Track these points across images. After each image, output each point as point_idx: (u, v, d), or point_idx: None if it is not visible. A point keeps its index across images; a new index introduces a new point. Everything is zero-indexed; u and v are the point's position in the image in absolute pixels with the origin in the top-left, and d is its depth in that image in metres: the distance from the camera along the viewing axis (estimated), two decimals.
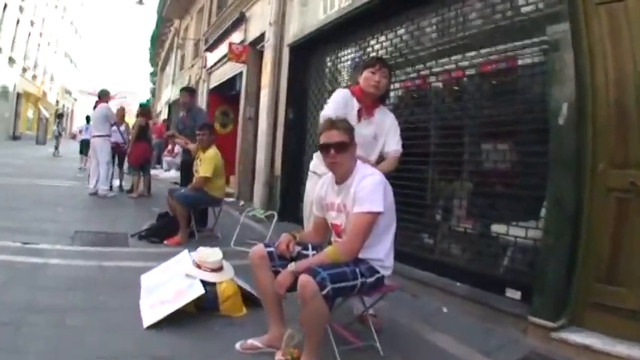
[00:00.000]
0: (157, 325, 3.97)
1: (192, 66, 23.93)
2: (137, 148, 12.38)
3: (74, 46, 69.08)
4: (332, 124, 3.54)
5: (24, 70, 41.62)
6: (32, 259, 5.73)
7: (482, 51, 5.17)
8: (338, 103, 4.30)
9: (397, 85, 6.46)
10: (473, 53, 5.28)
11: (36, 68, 45.96)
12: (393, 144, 4.41)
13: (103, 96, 12.63)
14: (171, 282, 4.53)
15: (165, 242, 7.27)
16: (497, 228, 4.82)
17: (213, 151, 7.64)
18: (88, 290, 4.80)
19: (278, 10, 10.47)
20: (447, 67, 5.65)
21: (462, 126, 5.54)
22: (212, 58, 18.09)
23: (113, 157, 13.17)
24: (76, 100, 73.46)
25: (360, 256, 3.37)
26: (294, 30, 9.86)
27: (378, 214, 3.28)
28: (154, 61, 47.86)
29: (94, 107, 12.68)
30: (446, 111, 5.83)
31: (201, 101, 19.94)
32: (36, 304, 4.29)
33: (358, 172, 3.47)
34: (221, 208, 8.25)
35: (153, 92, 53.31)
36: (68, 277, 5.18)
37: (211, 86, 18.78)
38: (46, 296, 4.50)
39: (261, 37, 11.97)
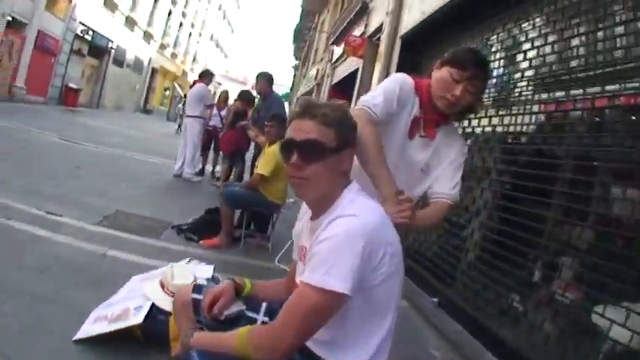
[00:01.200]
0: (89, 341, 3.26)
1: (322, 60, 23.35)
2: (229, 135, 11.59)
3: (224, 36, 72.56)
4: (306, 108, 2.02)
5: (162, 46, 43.33)
6: (40, 231, 5.32)
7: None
8: (393, 95, 2.70)
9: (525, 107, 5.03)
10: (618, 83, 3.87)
11: (176, 47, 47.58)
12: (446, 185, 2.84)
13: (203, 76, 12.38)
14: (132, 296, 3.67)
15: (201, 242, 6.40)
16: (597, 319, 3.33)
17: (276, 147, 6.51)
18: (60, 278, 4.25)
19: None
20: (590, 93, 4.18)
21: (592, 164, 4.10)
22: (337, 51, 17.31)
23: (209, 142, 12.93)
24: (220, 84, 76.24)
25: (317, 351, 1.98)
26: (408, 18, 8.64)
27: (336, 296, 1.76)
28: (297, 54, 48.57)
29: (191, 87, 12.19)
30: (578, 144, 4.33)
31: (323, 98, 19.32)
32: None
33: (339, 206, 1.98)
34: (278, 216, 7.17)
35: (292, 86, 54.49)
36: (56, 258, 4.68)
37: (334, 82, 17.99)
38: (9, 275, 4.08)
39: (379, 30, 10.91)
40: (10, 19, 20.89)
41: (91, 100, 31.56)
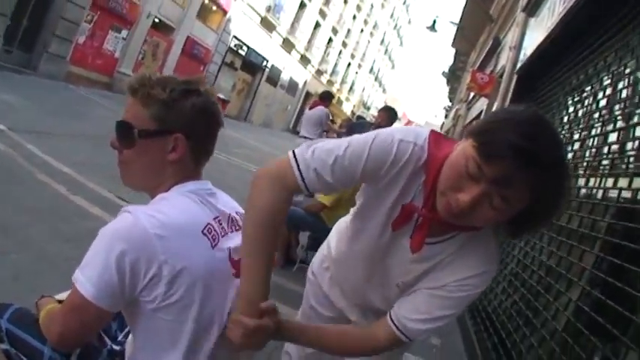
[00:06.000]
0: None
1: (461, 100, 22.45)
2: None
3: (384, 70, 73.71)
4: (137, 82, 1.61)
5: (319, 72, 44.23)
6: (95, 209, 5.58)
7: None
8: (360, 161, 1.55)
9: None
10: None
11: (333, 75, 48.43)
12: (408, 309, 1.66)
13: (326, 98, 11.72)
14: None
15: None
16: None
17: None
18: (80, 251, 4.44)
19: (521, 31, 8.34)
20: None
21: None
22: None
23: None
24: (374, 117, 77.11)
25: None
26: (525, 51, 7.66)
27: (84, 298, 1.41)
28: (451, 96, 48.09)
29: (311, 107, 11.79)
30: None
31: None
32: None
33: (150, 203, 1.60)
34: None
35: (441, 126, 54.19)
36: (91, 233, 4.64)
37: (465, 123, 17.11)
38: (33, 232, 4.45)
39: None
40: (156, 20, 22.12)
41: (240, 114, 32.70)
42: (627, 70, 3.93)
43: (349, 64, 53.48)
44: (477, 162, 1.33)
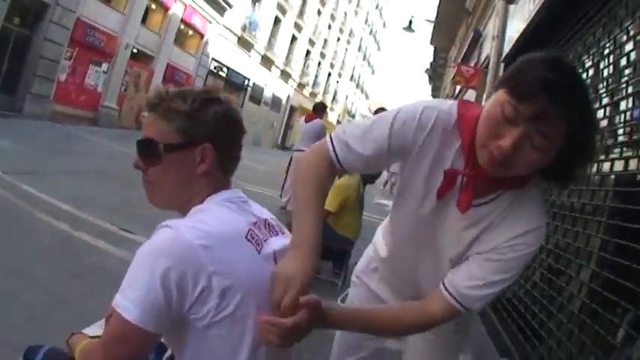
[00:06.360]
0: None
1: (447, 96, 22.44)
2: None
3: (365, 76, 74.00)
4: (155, 98, 1.60)
5: (300, 85, 44.40)
6: (100, 242, 5.62)
7: None
8: (385, 135, 1.63)
9: None
10: None
11: (315, 87, 48.56)
12: (463, 277, 1.64)
13: (320, 110, 11.61)
14: None
15: None
16: None
17: (344, 181, 5.99)
18: (89, 286, 4.32)
19: (502, 20, 8.35)
20: None
21: None
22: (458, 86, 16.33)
23: None
24: None
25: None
26: (509, 40, 7.69)
27: (127, 322, 1.33)
28: (434, 94, 48.16)
29: (306, 120, 11.72)
30: None
31: None
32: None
33: (186, 217, 1.56)
34: (350, 252, 6.42)
35: None
36: (97, 266, 4.89)
37: None
38: (40, 270, 4.43)
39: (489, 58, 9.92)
40: (134, 50, 22.10)
41: None
42: (617, 44, 3.94)
43: (329, 74, 53.62)
44: (511, 104, 1.40)
